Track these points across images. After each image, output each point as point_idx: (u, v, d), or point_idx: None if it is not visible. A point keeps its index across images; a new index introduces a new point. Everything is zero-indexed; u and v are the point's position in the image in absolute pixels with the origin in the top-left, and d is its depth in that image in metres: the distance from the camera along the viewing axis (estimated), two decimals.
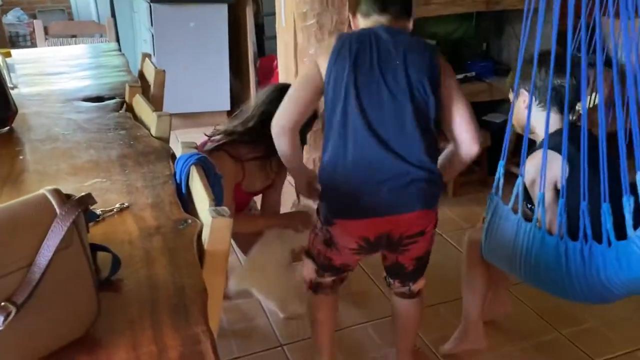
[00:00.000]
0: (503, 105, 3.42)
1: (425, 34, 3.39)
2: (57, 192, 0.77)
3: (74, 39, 4.21)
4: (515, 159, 1.83)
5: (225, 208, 1.07)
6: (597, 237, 1.55)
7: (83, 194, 0.81)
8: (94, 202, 0.80)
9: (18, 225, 0.73)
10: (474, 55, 3.66)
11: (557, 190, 1.67)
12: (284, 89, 1.86)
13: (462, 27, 3.70)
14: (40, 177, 1.41)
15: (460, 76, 3.42)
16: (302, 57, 2.99)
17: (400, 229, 1.64)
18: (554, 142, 1.64)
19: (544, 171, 1.61)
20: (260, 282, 2.17)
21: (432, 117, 1.62)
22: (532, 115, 1.70)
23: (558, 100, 1.73)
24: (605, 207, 1.51)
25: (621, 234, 1.51)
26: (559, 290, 1.72)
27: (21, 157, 1.54)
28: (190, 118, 4.30)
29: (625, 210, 1.48)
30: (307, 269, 1.84)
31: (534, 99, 1.76)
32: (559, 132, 1.64)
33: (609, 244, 1.54)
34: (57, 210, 0.75)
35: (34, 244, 0.73)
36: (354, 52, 1.59)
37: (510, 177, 1.75)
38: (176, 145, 1.45)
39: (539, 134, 1.78)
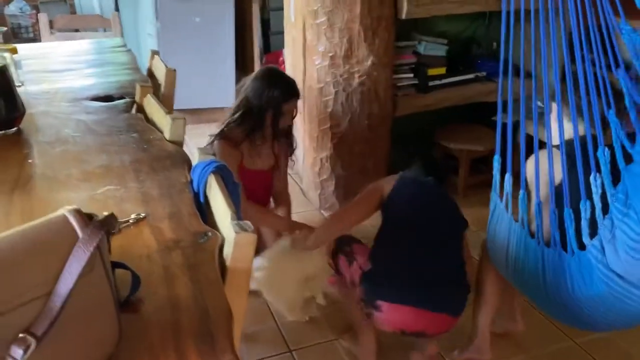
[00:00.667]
0: (513, 105, 3.37)
1: (435, 33, 3.34)
2: (78, 213, 0.72)
3: (77, 33, 4.14)
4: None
5: (249, 223, 1.02)
6: (565, 245, 1.49)
7: (106, 214, 0.76)
8: (117, 223, 0.75)
9: (37, 250, 0.68)
10: (484, 54, 3.60)
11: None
12: (266, 72, 2.37)
13: (472, 26, 3.64)
14: (50, 183, 1.35)
15: (470, 76, 3.37)
16: (310, 54, 2.93)
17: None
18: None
19: (537, 168, 1.55)
20: (271, 284, 2.13)
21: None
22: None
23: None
24: (567, 213, 1.44)
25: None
26: (541, 302, 1.67)
27: (30, 161, 1.49)
28: (196, 114, 4.24)
29: (582, 216, 1.41)
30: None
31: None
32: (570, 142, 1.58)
33: (573, 252, 1.47)
34: (79, 234, 0.70)
35: (53, 270, 0.68)
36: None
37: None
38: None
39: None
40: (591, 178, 1.39)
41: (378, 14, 2.80)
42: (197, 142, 2.48)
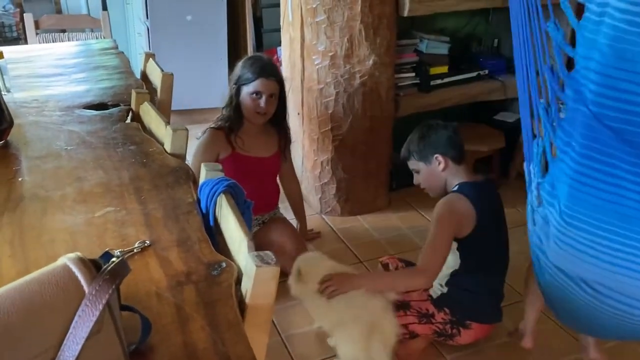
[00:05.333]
0: (515, 103, 3.29)
1: (435, 30, 3.25)
2: (82, 263, 0.62)
3: (65, 34, 4.00)
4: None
5: (269, 253, 0.92)
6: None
7: (115, 259, 0.65)
8: (128, 271, 0.64)
9: (37, 312, 0.57)
10: (485, 51, 3.51)
11: None
12: (249, 59, 2.36)
13: (471, 23, 3.55)
14: (44, 205, 1.24)
15: (473, 74, 3.28)
16: (309, 54, 2.82)
17: None
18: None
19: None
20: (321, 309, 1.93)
21: None
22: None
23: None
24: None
25: None
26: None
27: (20, 179, 1.37)
28: (188, 114, 4.13)
29: (528, 201, 1.44)
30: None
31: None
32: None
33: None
34: (86, 289, 0.59)
35: (57, 334, 0.58)
36: None
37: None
38: None
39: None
40: (526, 166, 1.44)
41: (379, 11, 2.69)
42: (191, 144, 2.39)
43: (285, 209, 2.71)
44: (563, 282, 1.39)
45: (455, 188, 1.97)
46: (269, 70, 2.32)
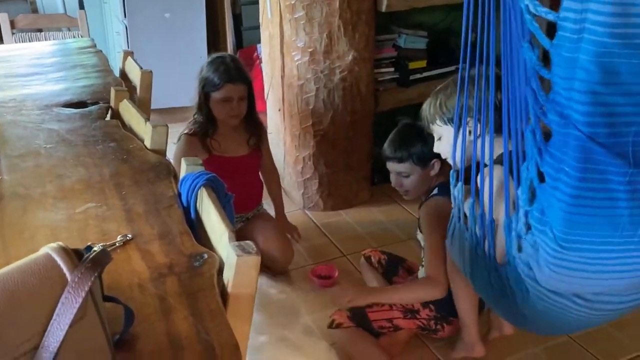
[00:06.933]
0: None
1: (413, 24, 3.28)
2: (65, 252, 0.63)
3: (42, 33, 3.96)
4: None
5: (251, 243, 0.94)
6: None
7: (96, 249, 0.66)
8: (109, 260, 0.65)
9: (21, 301, 0.58)
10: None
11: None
12: (213, 62, 2.34)
13: (449, 18, 3.58)
14: (24, 203, 1.24)
15: (451, 68, 3.31)
16: (289, 50, 2.84)
17: None
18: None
19: (491, 184, 1.47)
20: None
21: None
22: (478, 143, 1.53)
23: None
24: (506, 223, 1.39)
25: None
26: (497, 307, 1.64)
27: None
28: (169, 113, 4.11)
29: (512, 227, 1.36)
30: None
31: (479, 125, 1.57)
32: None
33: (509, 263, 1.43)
34: (68, 277, 0.60)
35: (41, 322, 0.59)
36: None
37: None
38: None
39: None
40: (517, 192, 1.35)
41: (357, 7, 2.72)
42: (172, 143, 2.40)
43: (268, 205, 2.72)
44: (554, 302, 1.38)
45: (436, 190, 1.99)
46: (234, 74, 2.30)
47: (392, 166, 2.06)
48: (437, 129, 1.75)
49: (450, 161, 1.69)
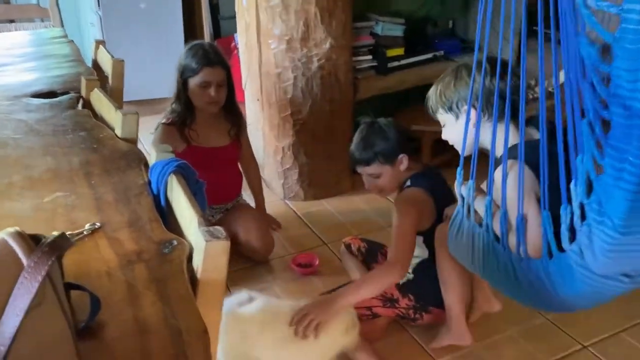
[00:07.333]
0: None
1: (389, 12, 3.27)
2: (20, 236, 0.61)
3: (13, 24, 3.87)
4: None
5: (219, 228, 0.92)
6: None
7: (55, 234, 0.64)
8: (70, 244, 0.64)
9: None
10: (440, 33, 3.56)
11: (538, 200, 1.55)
12: (191, 48, 2.33)
13: (426, 5, 3.58)
14: None
15: (429, 55, 3.32)
16: (265, 37, 2.81)
17: None
18: (512, 155, 1.50)
19: (503, 178, 1.48)
20: None
21: None
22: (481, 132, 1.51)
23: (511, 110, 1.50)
24: (545, 215, 1.42)
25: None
26: (514, 296, 1.66)
27: None
28: (145, 105, 4.05)
29: (562, 220, 1.37)
30: None
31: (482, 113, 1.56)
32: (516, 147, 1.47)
33: (550, 255, 1.45)
34: (24, 262, 0.59)
35: None
36: None
37: None
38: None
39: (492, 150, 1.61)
40: (571, 185, 1.37)
41: None
42: (150, 135, 2.37)
43: (248, 196, 2.71)
44: (602, 284, 1.40)
45: (409, 182, 1.99)
46: (212, 57, 2.28)
47: (361, 169, 2.06)
48: (440, 117, 1.77)
49: (457, 147, 1.67)
